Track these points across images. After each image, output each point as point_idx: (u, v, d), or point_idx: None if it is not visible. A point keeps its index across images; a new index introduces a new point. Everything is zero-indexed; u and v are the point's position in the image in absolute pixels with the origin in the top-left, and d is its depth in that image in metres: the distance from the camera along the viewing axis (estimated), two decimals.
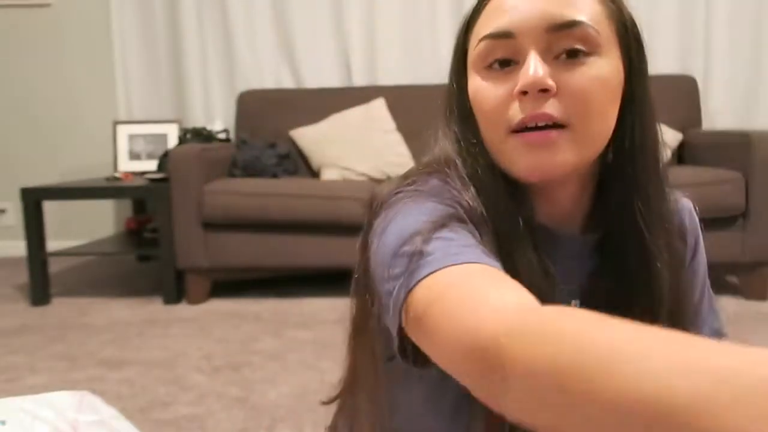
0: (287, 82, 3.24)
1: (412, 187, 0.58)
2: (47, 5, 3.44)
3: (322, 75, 3.21)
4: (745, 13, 3.01)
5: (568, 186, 0.60)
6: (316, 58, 3.21)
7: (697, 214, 0.72)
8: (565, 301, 0.62)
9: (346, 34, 3.18)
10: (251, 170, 2.73)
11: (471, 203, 0.57)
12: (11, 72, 3.51)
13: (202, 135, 2.96)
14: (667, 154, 2.57)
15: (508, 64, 0.57)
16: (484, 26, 0.58)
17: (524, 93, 0.54)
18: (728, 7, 3.00)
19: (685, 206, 0.71)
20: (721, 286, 2.56)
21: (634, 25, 0.61)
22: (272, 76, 3.25)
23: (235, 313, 2.39)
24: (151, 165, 3.09)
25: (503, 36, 0.56)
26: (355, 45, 3.17)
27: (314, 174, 2.92)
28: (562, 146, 0.55)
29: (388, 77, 3.15)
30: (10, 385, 1.76)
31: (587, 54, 0.55)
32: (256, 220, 2.45)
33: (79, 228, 3.46)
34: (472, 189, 0.58)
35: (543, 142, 0.54)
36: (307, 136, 2.93)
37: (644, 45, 0.61)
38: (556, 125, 0.55)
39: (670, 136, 2.75)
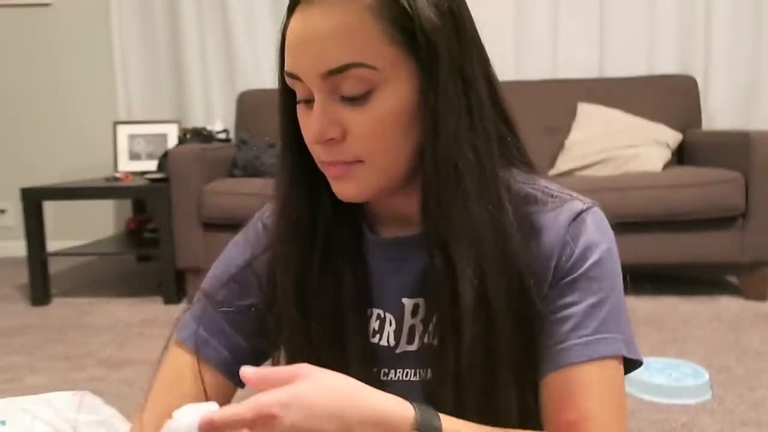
0: None
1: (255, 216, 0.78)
2: (47, 5, 3.44)
3: None
4: (745, 13, 3.00)
5: (398, 192, 0.63)
6: None
7: (581, 223, 0.62)
8: (396, 301, 0.66)
9: None
10: (251, 170, 2.72)
11: (278, 230, 0.69)
12: (11, 72, 3.52)
13: (202, 135, 2.96)
14: (666, 154, 2.53)
15: (310, 101, 0.59)
16: (286, 60, 0.61)
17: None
18: (728, 7, 3.00)
19: (557, 216, 0.63)
20: (721, 286, 2.56)
21: (425, 28, 0.56)
22: (272, 76, 3.23)
23: None
24: (151, 165, 3.09)
25: (293, 77, 0.59)
26: None
27: None
28: (359, 177, 0.59)
29: None
30: (10, 385, 1.76)
31: (368, 92, 0.56)
32: None
33: (79, 228, 3.46)
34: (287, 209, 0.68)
35: (341, 176, 0.59)
36: None
37: (434, 44, 0.56)
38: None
39: (670, 136, 2.75)
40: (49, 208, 2.81)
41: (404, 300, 0.66)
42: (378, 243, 0.68)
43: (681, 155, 2.82)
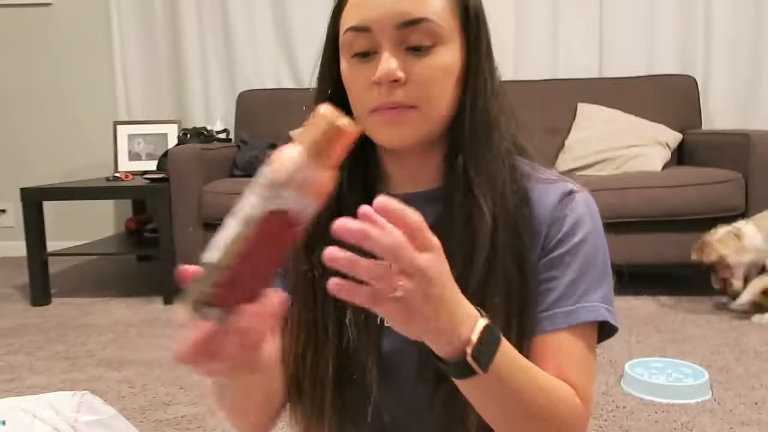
0: (287, 82, 3.24)
1: None
2: (47, 5, 3.44)
3: None
4: (745, 13, 3.01)
5: (417, 150, 0.70)
6: (316, 58, 3.21)
7: (570, 202, 0.69)
8: None
9: None
10: (251, 170, 2.72)
11: None
12: (11, 72, 3.52)
13: (202, 135, 2.96)
14: (666, 154, 2.53)
15: (367, 54, 0.66)
16: (349, 17, 0.67)
17: (379, 83, 0.64)
18: (728, 7, 3.00)
19: (546, 192, 0.70)
20: None
21: (477, 9, 0.69)
22: (272, 76, 3.25)
23: None
24: (151, 165, 3.09)
25: (362, 30, 0.65)
26: None
27: None
28: (410, 123, 0.65)
29: None
30: (10, 385, 1.76)
31: (432, 46, 0.64)
32: None
33: (79, 228, 3.46)
34: None
35: (394, 121, 0.65)
36: None
37: (485, 23, 0.69)
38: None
39: (670, 136, 2.75)
40: (49, 208, 2.80)
41: None
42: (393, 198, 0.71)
43: (681, 155, 2.82)
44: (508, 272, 0.67)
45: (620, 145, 2.66)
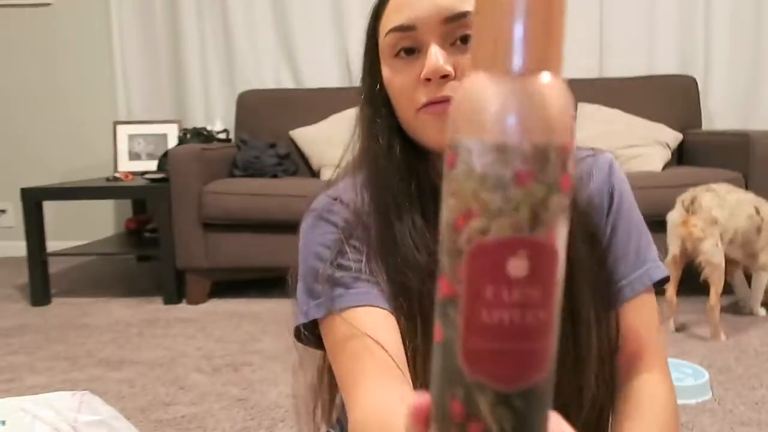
0: (287, 82, 3.24)
1: (313, 204, 0.74)
2: (47, 5, 3.44)
3: (322, 75, 3.21)
4: (745, 13, 3.01)
5: None
6: (316, 58, 3.21)
7: (614, 170, 0.74)
8: None
9: (346, 34, 3.18)
10: (251, 170, 2.72)
11: (356, 198, 0.70)
12: (11, 72, 3.52)
13: (202, 135, 2.96)
14: (666, 154, 2.52)
15: (413, 51, 0.65)
16: (390, 19, 0.66)
17: (428, 79, 0.63)
18: (728, 7, 3.00)
19: (596, 162, 0.74)
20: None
21: None
22: (272, 76, 3.25)
23: (235, 313, 2.39)
24: (151, 165, 3.09)
25: (407, 29, 0.65)
26: (355, 45, 3.17)
27: (314, 174, 2.92)
28: None
29: None
30: (10, 385, 1.76)
31: None
32: (256, 220, 2.45)
33: (79, 228, 3.46)
34: (365, 174, 0.71)
35: (446, 112, 0.60)
36: (307, 136, 2.93)
37: None
38: None
39: (670, 136, 2.75)
40: (49, 208, 2.81)
41: None
42: None
43: (681, 155, 2.82)
44: (586, 264, 0.67)
45: (620, 145, 2.66)
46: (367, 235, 0.69)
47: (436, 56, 0.63)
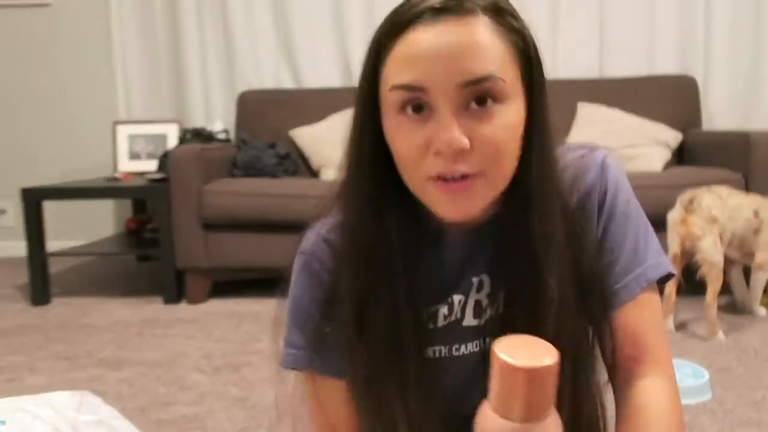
0: (287, 82, 3.24)
1: (303, 244, 0.75)
2: (47, 5, 3.44)
3: (322, 75, 3.21)
4: (745, 13, 3.00)
5: None
6: (316, 58, 3.21)
7: (607, 167, 0.70)
8: (469, 283, 0.70)
9: (346, 34, 3.18)
10: (251, 170, 2.72)
11: (342, 245, 0.69)
12: (11, 72, 3.51)
13: (202, 135, 2.96)
14: (666, 154, 2.53)
15: (421, 108, 0.58)
16: (397, 71, 0.58)
17: (442, 153, 0.57)
18: (728, 7, 3.00)
19: (588, 161, 0.70)
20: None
21: (533, 47, 0.63)
22: (272, 76, 3.25)
23: (235, 313, 2.39)
24: (151, 165, 3.09)
25: (416, 90, 0.58)
26: (355, 45, 3.17)
27: (314, 174, 2.92)
28: (478, 191, 0.59)
29: None
30: (10, 385, 1.76)
31: (494, 102, 0.58)
32: (256, 220, 2.45)
33: (79, 228, 3.46)
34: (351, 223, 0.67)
35: (462, 191, 0.59)
36: (307, 136, 2.93)
37: (540, 60, 0.63)
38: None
39: (670, 136, 2.75)
40: (49, 208, 2.81)
41: (473, 279, 0.70)
42: (453, 239, 0.70)
43: (681, 155, 2.82)
44: (577, 277, 0.65)
45: (620, 145, 2.66)
46: (343, 310, 0.68)
47: (450, 128, 0.56)
